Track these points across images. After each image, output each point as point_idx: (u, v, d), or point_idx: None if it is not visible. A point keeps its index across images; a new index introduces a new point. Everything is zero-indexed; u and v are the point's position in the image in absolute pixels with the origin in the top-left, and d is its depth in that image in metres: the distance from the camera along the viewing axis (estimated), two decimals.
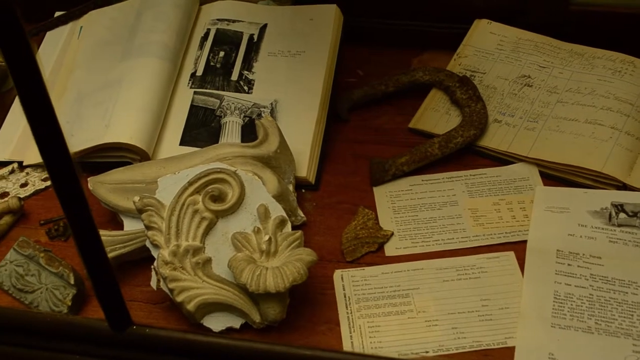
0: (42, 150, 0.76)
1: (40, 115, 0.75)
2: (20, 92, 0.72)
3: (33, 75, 0.71)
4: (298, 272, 0.93)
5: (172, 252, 0.96)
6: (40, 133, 0.76)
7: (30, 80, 0.71)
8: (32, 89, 0.72)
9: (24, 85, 0.71)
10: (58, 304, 1.00)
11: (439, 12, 1.35)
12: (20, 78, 0.70)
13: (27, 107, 0.74)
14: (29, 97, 0.73)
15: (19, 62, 0.68)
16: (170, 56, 1.22)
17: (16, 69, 0.69)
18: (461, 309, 0.98)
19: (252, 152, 1.06)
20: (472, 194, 1.12)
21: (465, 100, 1.20)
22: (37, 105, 0.74)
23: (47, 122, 0.76)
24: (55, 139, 0.77)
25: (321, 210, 1.12)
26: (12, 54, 0.67)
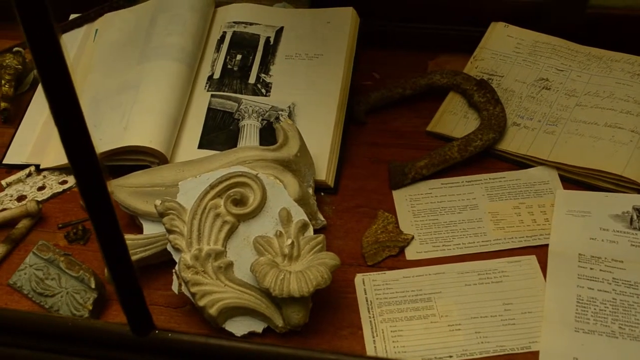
0: (69, 153, 0.75)
1: (68, 117, 0.74)
2: (49, 93, 0.71)
3: (62, 76, 0.70)
4: (322, 277, 0.93)
5: (194, 256, 0.96)
6: (68, 135, 0.75)
7: (58, 81, 0.70)
8: (61, 90, 0.71)
9: (53, 85, 0.70)
10: (79, 308, 0.99)
11: (454, 15, 1.35)
12: (49, 78, 0.69)
13: (55, 107, 0.73)
14: (57, 98, 0.72)
15: (49, 62, 0.68)
16: (187, 59, 1.22)
17: (45, 69, 0.68)
18: (484, 314, 0.98)
19: (272, 155, 1.06)
20: (492, 198, 1.11)
21: (483, 104, 1.20)
22: (65, 106, 0.73)
23: (75, 124, 0.75)
24: (83, 142, 0.76)
25: (340, 214, 1.11)
26: (42, 54, 0.66)
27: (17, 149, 1.22)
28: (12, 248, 1.09)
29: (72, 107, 0.73)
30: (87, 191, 0.77)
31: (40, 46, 0.66)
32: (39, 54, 0.66)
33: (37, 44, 0.66)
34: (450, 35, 1.35)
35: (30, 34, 0.65)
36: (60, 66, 0.69)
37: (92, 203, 0.78)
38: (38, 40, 0.65)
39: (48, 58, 0.67)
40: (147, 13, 1.31)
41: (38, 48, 0.66)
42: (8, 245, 1.08)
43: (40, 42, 0.65)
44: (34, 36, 0.65)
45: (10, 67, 1.28)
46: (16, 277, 1.04)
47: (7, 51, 1.32)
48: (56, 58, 0.68)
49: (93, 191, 0.77)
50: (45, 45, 0.66)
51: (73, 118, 0.74)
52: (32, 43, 0.66)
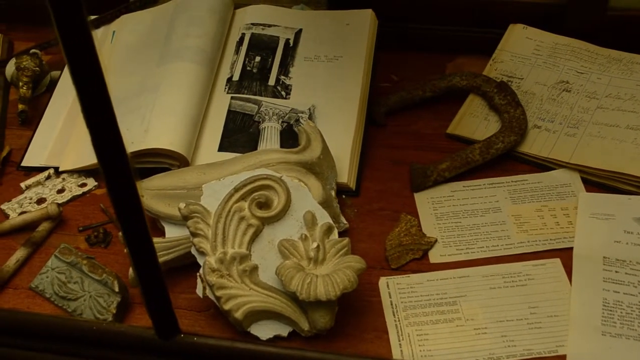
0: (100, 153, 0.75)
1: (100, 117, 0.74)
2: (81, 92, 0.70)
3: (94, 74, 0.69)
4: (348, 280, 0.92)
5: (218, 259, 0.95)
6: (99, 136, 0.75)
7: (91, 80, 0.69)
8: (93, 89, 0.71)
9: (85, 84, 0.69)
10: (103, 311, 0.99)
11: (472, 17, 1.34)
12: (81, 76, 0.68)
13: (87, 107, 0.72)
14: (89, 97, 0.71)
15: (81, 60, 0.67)
16: (206, 61, 1.21)
17: (77, 66, 0.67)
18: (510, 317, 0.97)
19: (295, 158, 1.05)
20: (515, 201, 1.11)
21: (504, 106, 1.19)
22: (97, 106, 0.73)
23: (106, 124, 0.74)
24: (115, 143, 0.76)
25: (363, 217, 1.11)
26: (75, 51, 0.66)
27: (35, 152, 1.22)
28: (33, 251, 1.09)
29: (104, 106, 0.73)
30: (117, 192, 0.77)
31: (73, 44, 0.65)
32: (72, 51, 0.65)
33: (71, 41, 0.65)
34: (468, 37, 1.34)
35: (63, 31, 0.64)
36: (93, 63, 0.68)
37: (122, 204, 0.78)
38: (71, 37, 0.64)
39: (81, 56, 0.66)
40: (165, 15, 1.30)
41: (71, 46, 0.65)
42: (29, 249, 1.08)
43: (73, 39, 0.64)
44: (67, 33, 0.64)
45: (27, 69, 1.27)
46: (38, 281, 1.04)
47: (24, 53, 1.31)
48: (89, 55, 0.67)
49: (123, 192, 0.77)
50: (78, 43, 0.65)
51: (105, 118, 0.73)
52: (65, 41, 0.65)
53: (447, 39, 1.35)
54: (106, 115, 0.74)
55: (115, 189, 0.76)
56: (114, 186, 0.76)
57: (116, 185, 0.76)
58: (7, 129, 1.28)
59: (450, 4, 1.34)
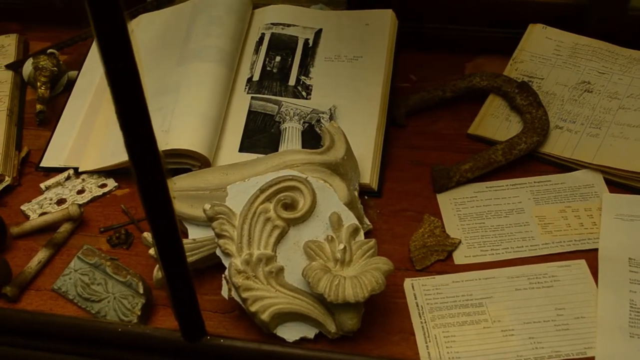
0: (132, 153, 0.74)
1: (134, 115, 0.73)
2: (115, 90, 0.69)
3: (129, 70, 0.69)
4: (377, 282, 0.92)
5: (244, 260, 0.95)
6: (133, 134, 0.74)
7: (125, 77, 0.68)
8: (128, 87, 0.70)
9: (120, 82, 0.69)
10: (127, 313, 0.98)
11: (491, 17, 1.34)
12: (116, 71, 0.67)
13: (121, 105, 0.71)
14: (124, 95, 0.71)
15: (117, 56, 0.66)
16: (227, 61, 1.21)
17: (113, 61, 0.66)
18: (536, 319, 0.97)
19: (320, 158, 1.05)
20: (538, 201, 1.10)
21: (525, 107, 1.19)
22: (131, 104, 0.72)
23: (140, 123, 0.74)
24: (148, 143, 0.75)
25: (386, 218, 1.10)
26: (111, 48, 0.65)
27: (54, 152, 1.21)
28: (54, 252, 1.08)
29: (138, 105, 0.72)
30: (148, 193, 0.76)
31: (109, 40, 0.64)
32: (108, 48, 0.65)
33: (107, 38, 0.64)
34: (487, 37, 1.34)
35: (99, 27, 0.63)
36: (128, 60, 0.67)
37: (153, 205, 0.77)
38: (107, 34, 0.63)
39: (117, 52, 0.66)
40: (183, 14, 1.29)
41: (107, 42, 0.64)
42: (51, 250, 1.07)
43: (109, 36, 0.63)
44: (103, 30, 0.64)
45: (45, 69, 1.26)
46: (61, 282, 1.03)
47: (41, 53, 1.31)
48: (124, 53, 0.66)
49: (155, 193, 0.76)
50: (115, 39, 0.64)
51: (139, 117, 0.73)
52: (100, 37, 0.64)
53: (466, 39, 1.34)
54: (140, 114, 0.73)
55: (147, 189, 0.76)
56: (145, 186, 0.76)
57: (148, 185, 0.76)
58: (25, 130, 1.27)
59: (469, 4, 1.34)
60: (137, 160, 0.75)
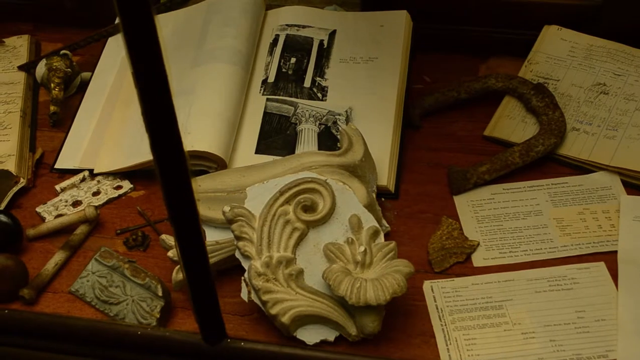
0: (157, 152, 0.74)
1: (161, 115, 0.73)
2: (141, 88, 0.69)
3: (156, 65, 0.68)
4: (398, 284, 0.92)
5: (264, 263, 0.95)
6: (158, 134, 0.74)
7: (152, 71, 0.68)
8: (155, 85, 0.70)
9: (146, 79, 0.69)
10: (146, 316, 0.98)
11: (505, 18, 1.33)
12: (142, 66, 0.67)
13: (147, 104, 0.71)
14: (151, 94, 0.70)
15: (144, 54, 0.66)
16: (242, 62, 1.20)
17: (140, 58, 0.66)
18: (557, 321, 0.97)
19: (338, 160, 1.04)
20: (556, 204, 1.10)
21: (542, 108, 1.18)
22: (158, 103, 0.72)
23: (166, 123, 0.73)
24: (174, 144, 0.75)
25: (403, 220, 1.10)
26: (138, 44, 0.65)
27: (68, 154, 1.20)
28: (71, 254, 1.08)
29: (165, 106, 0.72)
30: (172, 193, 0.76)
31: (137, 39, 0.64)
32: (135, 44, 0.64)
33: (135, 37, 0.64)
34: (501, 38, 1.33)
35: (127, 26, 0.63)
36: (156, 57, 0.67)
37: (177, 205, 0.77)
38: (135, 30, 0.63)
39: (144, 50, 0.65)
40: (197, 16, 1.29)
41: (135, 39, 0.64)
42: (67, 252, 1.07)
43: (136, 32, 0.63)
44: (131, 29, 0.63)
45: (59, 70, 1.26)
46: (78, 284, 1.03)
47: (54, 54, 1.30)
48: (152, 51, 0.66)
49: (179, 194, 0.76)
50: (143, 37, 0.64)
51: (165, 117, 0.73)
52: (128, 36, 0.64)
53: (480, 40, 1.34)
54: (167, 115, 0.73)
55: (171, 190, 0.76)
56: (170, 188, 0.76)
57: (173, 187, 0.75)
58: (38, 131, 1.27)
59: (482, 5, 1.33)
60: (162, 161, 0.74)
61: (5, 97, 1.29)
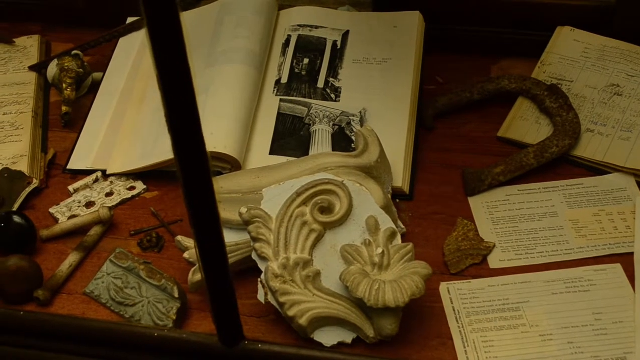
0: (180, 155, 0.74)
1: (184, 114, 0.73)
2: (165, 87, 0.68)
3: (181, 69, 0.68)
4: (417, 286, 0.91)
5: (282, 265, 0.94)
6: (182, 135, 0.74)
7: (177, 75, 0.68)
8: (179, 85, 0.69)
9: (170, 78, 0.68)
10: (162, 317, 0.97)
11: (517, 19, 1.33)
12: (165, 63, 0.67)
13: (170, 102, 0.71)
14: (174, 94, 0.70)
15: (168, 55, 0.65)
16: (255, 63, 1.20)
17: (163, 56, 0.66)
18: (574, 323, 0.96)
19: (354, 162, 1.04)
20: (571, 205, 1.10)
21: (556, 110, 1.18)
22: (182, 103, 0.72)
23: (190, 122, 0.73)
24: (197, 144, 0.75)
25: (418, 221, 1.10)
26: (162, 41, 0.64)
27: (81, 155, 1.20)
28: (85, 256, 1.07)
29: (189, 106, 0.72)
30: (194, 194, 0.76)
31: (161, 35, 0.63)
32: (160, 42, 0.64)
33: (159, 33, 0.63)
34: (513, 39, 1.33)
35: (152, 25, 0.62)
36: (181, 55, 0.66)
37: (198, 206, 0.76)
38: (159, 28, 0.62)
39: (168, 47, 0.64)
40: (209, 16, 1.29)
41: (159, 36, 0.63)
42: (81, 253, 1.06)
43: (161, 31, 0.62)
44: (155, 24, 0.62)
45: (71, 71, 1.25)
46: (93, 286, 1.02)
47: (65, 54, 1.30)
48: (177, 52, 0.65)
49: (200, 194, 0.76)
50: (167, 34, 0.63)
51: (189, 118, 0.72)
52: (153, 35, 0.63)
53: (492, 41, 1.33)
54: (191, 116, 0.73)
55: (193, 191, 0.75)
56: (191, 188, 0.75)
57: (194, 188, 0.75)
58: (50, 132, 1.26)
59: (494, 6, 1.33)
60: (184, 162, 0.74)
61: (16, 97, 1.29)
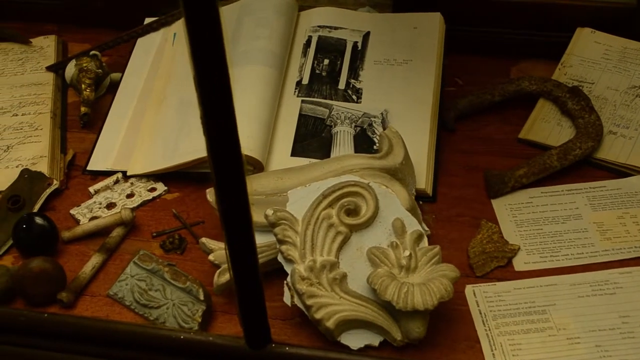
0: (215, 156, 0.74)
1: (221, 115, 0.72)
2: (202, 86, 0.68)
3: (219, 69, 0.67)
4: (445, 289, 0.91)
5: (308, 267, 0.94)
6: (218, 137, 0.73)
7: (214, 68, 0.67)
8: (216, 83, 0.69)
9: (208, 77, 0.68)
10: (188, 320, 0.97)
11: (536, 20, 1.33)
12: (204, 64, 0.66)
13: (206, 100, 0.70)
14: (211, 90, 0.69)
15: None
16: (276, 63, 1.19)
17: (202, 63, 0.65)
18: (602, 326, 0.96)
19: (379, 164, 1.04)
20: (595, 207, 1.09)
21: (577, 112, 1.18)
22: (219, 102, 0.71)
23: (227, 125, 0.73)
24: (233, 145, 0.74)
25: (441, 223, 1.09)
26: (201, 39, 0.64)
27: (100, 155, 1.19)
28: (107, 257, 1.07)
29: (225, 107, 0.71)
30: (227, 195, 0.75)
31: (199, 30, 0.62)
32: (199, 40, 0.63)
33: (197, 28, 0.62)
34: (532, 41, 1.33)
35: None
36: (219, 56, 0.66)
37: (231, 207, 0.76)
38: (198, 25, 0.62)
39: (206, 43, 0.64)
40: (230, 17, 1.28)
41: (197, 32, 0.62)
42: (104, 255, 1.06)
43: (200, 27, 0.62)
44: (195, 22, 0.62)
45: (90, 71, 1.25)
46: (117, 288, 1.02)
47: (83, 54, 1.29)
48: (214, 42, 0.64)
49: (233, 196, 0.76)
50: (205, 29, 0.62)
51: (226, 120, 0.72)
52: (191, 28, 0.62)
53: (511, 42, 1.33)
54: (228, 118, 0.72)
55: (226, 193, 0.75)
56: (225, 190, 0.75)
57: (228, 189, 0.75)
58: (68, 132, 1.25)
59: (514, 7, 1.33)
60: (219, 163, 0.74)
61: (34, 97, 1.28)
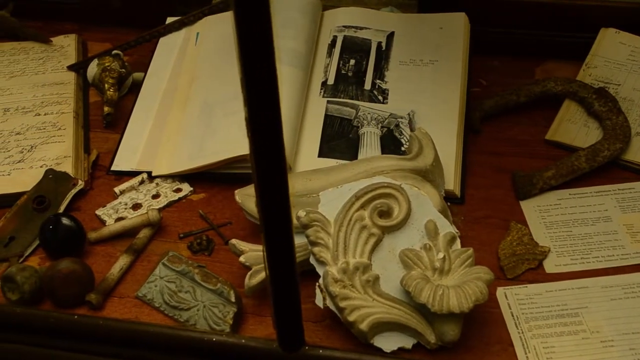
0: (258, 157, 0.73)
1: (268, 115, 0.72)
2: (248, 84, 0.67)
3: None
4: (480, 292, 0.90)
5: (341, 269, 0.93)
6: (262, 137, 0.73)
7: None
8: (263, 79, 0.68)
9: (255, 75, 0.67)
10: (219, 322, 0.96)
11: (560, 21, 1.32)
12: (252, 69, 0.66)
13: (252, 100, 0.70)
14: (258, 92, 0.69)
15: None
16: (302, 64, 1.19)
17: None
18: (635, 329, 0.95)
19: (410, 165, 1.03)
20: (625, 209, 1.09)
21: (605, 113, 1.17)
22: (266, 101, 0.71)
23: (272, 131, 0.73)
24: (276, 148, 0.74)
25: (471, 225, 1.08)
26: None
27: (125, 156, 1.18)
28: (135, 258, 1.06)
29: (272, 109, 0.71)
30: (268, 196, 0.75)
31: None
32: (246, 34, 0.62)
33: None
34: (556, 41, 1.32)
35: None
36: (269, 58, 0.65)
37: (271, 209, 0.76)
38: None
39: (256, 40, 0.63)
40: None
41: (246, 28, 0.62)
42: (131, 256, 1.05)
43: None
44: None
45: (113, 71, 1.24)
46: (146, 289, 1.01)
47: (105, 54, 1.28)
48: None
49: (275, 197, 0.75)
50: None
51: (272, 120, 0.72)
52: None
53: (535, 43, 1.33)
54: (274, 118, 0.72)
55: (268, 194, 0.75)
56: (267, 191, 0.75)
57: (270, 190, 0.75)
58: (91, 132, 1.25)
59: (538, 8, 1.32)
60: (262, 164, 0.74)
61: (57, 97, 1.27)
